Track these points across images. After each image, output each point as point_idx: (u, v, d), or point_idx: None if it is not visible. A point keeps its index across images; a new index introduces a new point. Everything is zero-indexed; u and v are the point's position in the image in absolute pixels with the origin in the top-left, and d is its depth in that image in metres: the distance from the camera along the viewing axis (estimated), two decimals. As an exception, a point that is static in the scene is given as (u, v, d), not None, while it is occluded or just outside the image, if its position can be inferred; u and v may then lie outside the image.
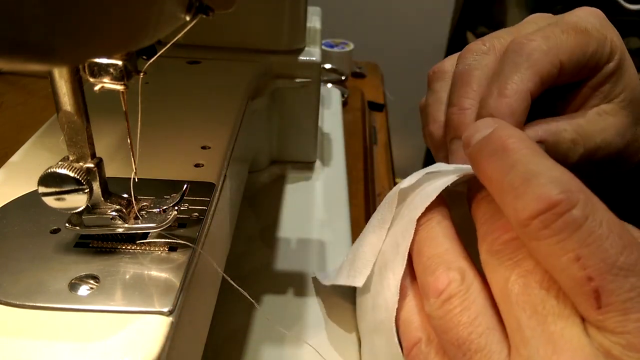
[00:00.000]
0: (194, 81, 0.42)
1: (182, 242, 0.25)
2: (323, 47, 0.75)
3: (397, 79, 1.22)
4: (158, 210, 0.25)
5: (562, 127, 0.27)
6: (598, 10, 0.28)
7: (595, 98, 0.28)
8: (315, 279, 0.37)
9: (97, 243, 0.25)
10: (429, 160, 1.54)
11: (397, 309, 0.24)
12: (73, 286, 0.23)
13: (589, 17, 0.27)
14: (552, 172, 0.18)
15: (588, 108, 0.28)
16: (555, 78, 0.26)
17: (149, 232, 0.25)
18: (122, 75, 0.21)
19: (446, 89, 0.29)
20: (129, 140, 0.24)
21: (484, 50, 0.29)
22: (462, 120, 0.26)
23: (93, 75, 0.21)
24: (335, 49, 0.87)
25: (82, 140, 0.23)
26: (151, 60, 0.22)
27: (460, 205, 0.25)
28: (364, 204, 0.53)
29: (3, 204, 0.27)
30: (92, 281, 0.23)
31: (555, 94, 0.29)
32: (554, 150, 0.26)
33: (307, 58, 0.47)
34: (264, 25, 0.46)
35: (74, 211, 0.23)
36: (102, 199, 0.24)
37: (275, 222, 0.46)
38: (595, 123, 0.27)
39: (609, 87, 0.28)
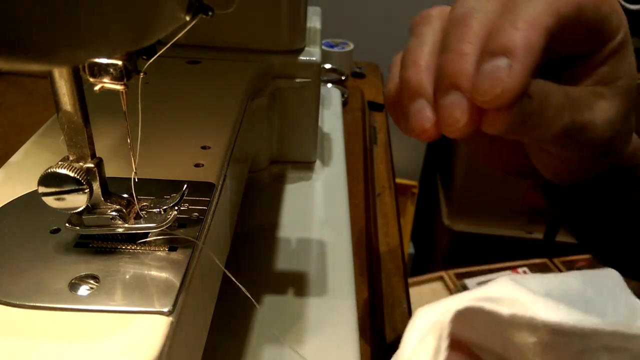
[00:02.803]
0: (194, 81, 0.42)
1: (184, 236, 0.25)
2: (323, 47, 0.75)
3: (397, 79, 1.21)
4: (158, 210, 0.25)
5: (553, 89, 0.23)
6: None
7: (590, 79, 0.25)
8: None
9: (97, 243, 0.25)
10: (429, 161, 1.54)
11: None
12: (73, 286, 0.23)
13: None
14: None
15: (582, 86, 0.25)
16: (572, 25, 0.22)
17: (149, 232, 0.25)
18: (122, 75, 0.21)
19: (433, 34, 0.25)
20: (129, 140, 0.24)
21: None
22: (461, 66, 0.22)
23: (93, 75, 0.21)
24: (335, 49, 0.87)
25: (82, 140, 0.23)
26: (151, 60, 0.22)
27: None
28: (364, 204, 0.53)
29: (3, 204, 0.27)
30: (92, 281, 0.23)
31: (549, 72, 0.25)
32: (539, 111, 0.23)
33: (307, 58, 0.47)
34: (264, 25, 0.46)
35: (74, 211, 0.23)
36: (102, 199, 0.24)
37: (275, 222, 0.46)
38: (586, 99, 0.24)
39: (607, 69, 0.25)
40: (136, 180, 0.25)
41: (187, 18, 0.21)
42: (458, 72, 0.22)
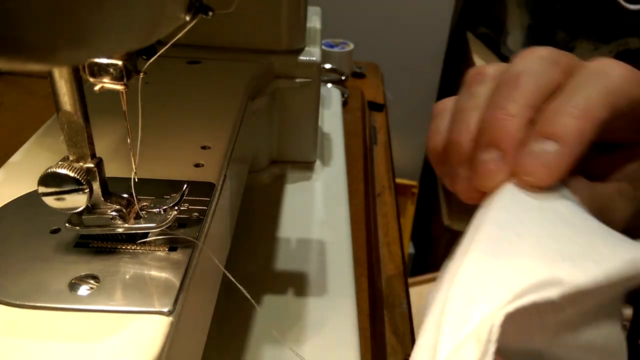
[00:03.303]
0: (194, 81, 0.42)
1: (184, 236, 0.25)
2: (323, 47, 0.75)
3: (397, 79, 1.22)
4: (158, 210, 0.25)
5: (580, 186, 0.23)
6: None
7: (623, 171, 0.24)
8: None
9: (97, 243, 0.25)
10: (429, 161, 1.54)
11: None
12: (73, 286, 0.23)
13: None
14: None
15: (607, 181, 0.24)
16: (622, 116, 0.22)
17: (149, 232, 0.25)
18: (122, 75, 0.21)
19: (487, 96, 0.24)
20: (129, 140, 0.24)
21: (546, 58, 0.23)
22: (505, 127, 0.21)
23: (93, 75, 0.21)
24: (335, 49, 0.87)
25: (82, 140, 0.23)
26: (151, 60, 0.22)
27: None
28: (364, 204, 0.53)
29: (3, 204, 0.27)
30: (92, 281, 0.23)
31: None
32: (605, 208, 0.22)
33: (307, 58, 0.47)
34: (264, 25, 0.46)
35: (74, 211, 0.23)
36: (102, 199, 0.24)
37: (275, 222, 0.46)
38: (611, 199, 0.24)
39: (636, 166, 0.24)
40: (136, 180, 0.25)
41: (187, 18, 0.21)
42: (501, 132, 0.22)
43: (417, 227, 1.37)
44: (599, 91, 0.21)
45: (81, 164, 0.23)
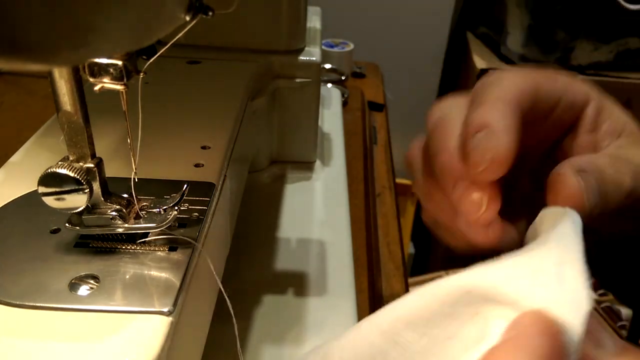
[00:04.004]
0: (194, 81, 0.42)
1: (183, 237, 0.25)
2: (323, 47, 0.75)
3: (397, 79, 1.22)
4: (158, 210, 0.25)
5: (599, 160, 0.23)
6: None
7: (604, 141, 0.26)
8: None
9: (97, 243, 0.25)
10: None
11: None
12: (73, 286, 0.23)
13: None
14: None
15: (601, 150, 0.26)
16: (533, 101, 0.24)
17: (149, 232, 0.25)
18: (122, 75, 0.21)
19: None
20: (129, 140, 0.24)
21: (454, 99, 0.26)
22: (453, 160, 0.23)
23: (93, 75, 0.21)
24: (335, 49, 0.87)
25: (82, 140, 0.23)
26: (151, 60, 0.22)
27: None
28: (364, 204, 0.53)
29: (3, 204, 0.27)
30: (92, 281, 0.23)
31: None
32: (603, 181, 0.23)
33: (307, 58, 0.47)
34: (264, 25, 0.46)
35: (74, 211, 0.23)
36: (102, 199, 0.24)
37: (275, 222, 0.46)
38: (622, 148, 0.25)
39: (608, 125, 0.25)
40: (136, 180, 0.25)
41: (187, 18, 0.21)
42: (454, 167, 0.23)
43: (417, 227, 1.37)
44: (489, 91, 0.23)
45: (81, 164, 0.23)
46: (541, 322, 0.16)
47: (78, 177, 0.22)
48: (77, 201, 0.23)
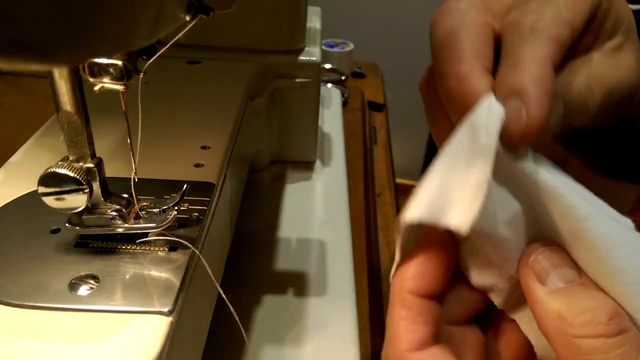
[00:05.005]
0: (194, 81, 0.42)
1: (182, 241, 0.25)
2: (323, 47, 0.75)
3: (397, 79, 1.22)
4: (158, 210, 0.25)
5: (573, 79, 0.23)
6: None
7: (599, 41, 0.25)
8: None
9: (97, 243, 0.25)
10: (429, 161, 1.54)
11: None
12: (73, 286, 0.23)
13: None
14: None
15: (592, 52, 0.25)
16: (570, 40, 0.22)
17: (149, 232, 0.25)
18: (122, 75, 0.21)
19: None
20: (129, 140, 0.24)
21: (462, 9, 0.23)
22: (465, 89, 0.21)
23: (93, 75, 0.21)
24: (335, 49, 0.87)
25: (82, 140, 0.23)
26: (151, 60, 0.22)
27: None
28: (364, 204, 0.53)
29: (3, 204, 0.27)
30: (92, 281, 0.23)
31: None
32: (570, 104, 0.23)
33: (307, 58, 0.47)
34: (263, 25, 0.46)
35: (74, 211, 0.23)
36: (102, 199, 0.24)
37: (275, 222, 0.46)
38: (604, 63, 0.24)
39: (610, 24, 0.24)
40: (136, 180, 0.25)
41: (187, 18, 0.21)
42: (464, 96, 0.21)
43: (417, 227, 1.37)
44: (524, 40, 0.21)
45: (81, 164, 0.23)
46: None
47: (78, 177, 0.22)
48: (77, 201, 0.23)
